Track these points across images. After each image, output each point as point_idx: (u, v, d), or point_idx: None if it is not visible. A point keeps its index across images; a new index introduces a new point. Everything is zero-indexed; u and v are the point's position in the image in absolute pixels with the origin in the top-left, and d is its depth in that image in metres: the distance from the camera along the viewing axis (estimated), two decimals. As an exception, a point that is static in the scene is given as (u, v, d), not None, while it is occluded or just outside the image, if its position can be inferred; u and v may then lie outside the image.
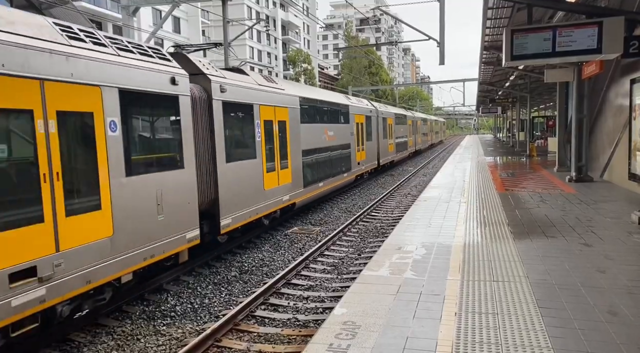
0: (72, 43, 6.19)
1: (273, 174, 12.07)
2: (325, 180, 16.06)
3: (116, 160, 6.73)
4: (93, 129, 6.37)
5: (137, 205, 7.10)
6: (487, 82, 30.45)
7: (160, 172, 7.70)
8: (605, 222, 9.03)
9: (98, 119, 6.45)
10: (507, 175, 17.59)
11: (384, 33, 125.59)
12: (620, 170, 13.18)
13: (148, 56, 7.68)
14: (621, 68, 13.28)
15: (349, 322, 4.80)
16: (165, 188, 7.75)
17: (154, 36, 16.77)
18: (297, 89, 14.87)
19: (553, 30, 8.76)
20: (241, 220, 10.32)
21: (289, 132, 13.19)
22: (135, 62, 7.23)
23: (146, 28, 36.43)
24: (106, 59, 6.62)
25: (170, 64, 8.14)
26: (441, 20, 17.01)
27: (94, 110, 6.39)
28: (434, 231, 8.74)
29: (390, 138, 28.34)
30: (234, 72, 11.10)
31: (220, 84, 9.63)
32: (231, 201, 9.90)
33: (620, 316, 4.71)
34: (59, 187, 5.76)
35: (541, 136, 38.81)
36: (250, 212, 10.75)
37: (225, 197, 9.68)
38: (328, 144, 16.62)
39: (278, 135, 12.48)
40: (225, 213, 9.67)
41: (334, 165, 17.22)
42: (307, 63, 64.31)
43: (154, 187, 7.50)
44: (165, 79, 7.83)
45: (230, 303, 7.86)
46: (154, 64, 7.68)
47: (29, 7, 10.22)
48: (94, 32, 6.90)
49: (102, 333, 6.70)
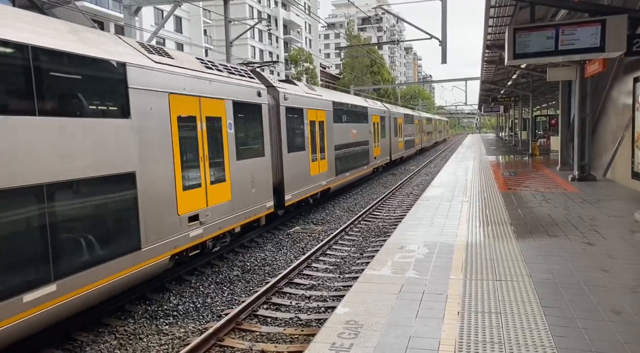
0: (209, 71, 9.33)
1: (316, 163, 15.12)
2: (350, 171, 18.85)
3: (232, 149, 9.86)
4: (221, 128, 9.47)
5: (242, 181, 10.26)
6: (490, 80, 30.39)
7: (253, 158, 10.88)
8: (608, 220, 9.00)
9: (223, 121, 9.56)
10: (509, 174, 17.55)
11: (386, 32, 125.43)
12: (623, 168, 13.13)
13: (243, 76, 10.72)
14: (624, 66, 13.23)
15: (352, 321, 4.79)
16: (255, 170, 10.92)
17: (156, 36, 16.78)
18: (330, 94, 18.09)
19: (556, 29, 8.74)
20: (297, 197, 13.47)
21: (326, 130, 16.22)
22: (238, 81, 10.28)
23: (148, 27, 36.47)
24: (224, 80, 9.71)
25: (255, 80, 11.15)
26: (443, 19, 16.98)
27: (222, 115, 9.50)
28: (436, 230, 8.73)
29: (400, 136, 30.99)
30: (287, 83, 14.24)
31: (284, 94, 12.77)
32: (291, 182, 13.00)
33: (624, 315, 4.69)
34: (207, 165, 8.94)
35: (543, 135, 38.76)
36: (301, 192, 13.83)
37: (287, 179, 12.80)
38: (352, 141, 19.40)
39: (318, 132, 15.43)
40: (288, 191, 12.82)
41: (357, 158, 20.00)
42: (309, 62, 64.27)
43: (250, 168, 10.65)
44: (254, 92, 10.90)
45: (232, 302, 7.86)
46: (248, 81, 10.73)
47: (32, 7, 10.22)
48: (215, 63, 9.95)
49: (104, 332, 6.71)
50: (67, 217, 5.88)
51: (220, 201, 9.32)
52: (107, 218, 6.52)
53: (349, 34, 76.46)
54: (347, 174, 18.36)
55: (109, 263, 6.40)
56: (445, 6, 16.82)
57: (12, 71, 5.35)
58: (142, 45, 7.91)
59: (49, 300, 5.55)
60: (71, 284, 5.80)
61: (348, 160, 18.63)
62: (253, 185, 10.74)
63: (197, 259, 9.41)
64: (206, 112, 8.94)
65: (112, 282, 6.46)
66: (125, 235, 6.83)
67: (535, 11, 10.29)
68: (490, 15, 13.37)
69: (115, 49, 7.01)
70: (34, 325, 5.45)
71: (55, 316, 5.73)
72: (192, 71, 8.68)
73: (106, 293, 6.46)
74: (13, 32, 5.33)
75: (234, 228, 9.97)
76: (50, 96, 5.82)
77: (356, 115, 20.47)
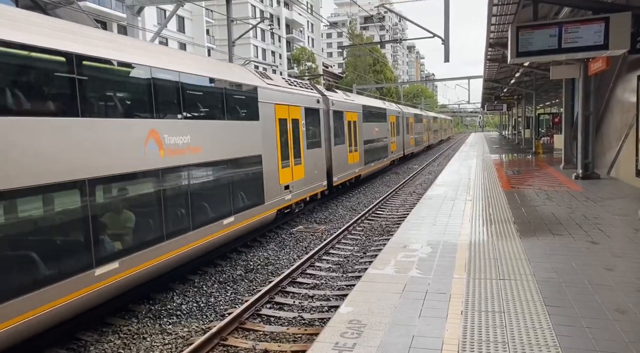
0: (291, 87, 13.43)
1: (351, 154, 19.16)
2: (374, 162, 22.95)
3: (305, 142, 13.87)
4: (299, 126, 13.44)
5: (310, 164, 14.27)
6: (493, 79, 30.30)
7: (315, 149, 14.88)
8: (612, 219, 8.96)
9: (300, 122, 13.54)
10: (512, 173, 17.51)
11: (388, 31, 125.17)
12: (627, 167, 13.08)
13: (308, 88, 15.16)
14: (628, 64, 13.17)
15: (355, 320, 4.79)
16: (316, 157, 14.91)
17: (159, 35, 16.79)
18: (360, 99, 23.16)
19: (559, 27, 8.69)
20: (340, 179, 17.49)
21: (358, 128, 20.27)
22: (306, 93, 14.56)
23: (150, 27, 36.50)
24: (299, 93, 13.85)
25: (314, 91, 15.53)
26: (446, 18, 16.92)
27: (299, 117, 13.49)
28: (440, 229, 8.71)
29: (411, 134, 35.06)
30: (330, 91, 18.59)
31: (332, 100, 16.92)
32: (336, 168, 17.06)
33: (628, 314, 4.67)
34: (292, 152, 12.92)
35: (547, 133, 38.62)
36: (343, 176, 17.79)
37: (334, 165, 16.85)
38: (375, 137, 23.55)
39: (353, 130, 19.49)
40: (335, 175, 16.81)
41: (378, 152, 24.07)
42: (312, 61, 64.26)
43: (313, 156, 14.64)
44: (315, 100, 15.02)
45: (235, 301, 7.87)
46: (311, 92, 15.05)
47: (35, 7, 10.24)
48: (292, 80, 14.52)
49: (108, 332, 6.73)
50: (232, 181, 9.79)
51: (299, 178, 13.50)
52: (248, 182, 10.58)
53: (352, 32, 76.35)
54: (372, 164, 22.41)
55: (251, 210, 10.47)
56: (447, 4, 16.76)
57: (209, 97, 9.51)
58: (258, 72, 12.55)
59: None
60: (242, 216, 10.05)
61: (372, 153, 22.66)
62: (315, 168, 14.84)
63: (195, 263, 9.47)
64: (292, 116, 13.02)
65: (252, 222, 10.53)
66: (257, 194, 10.80)
67: (538, 9, 10.24)
68: (493, 14, 13.32)
69: (251, 77, 11.24)
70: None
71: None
72: (283, 87, 12.78)
73: (251, 229, 10.77)
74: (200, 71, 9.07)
75: (305, 198, 14.18)
76: (229, 109, 9.91)
77: (378, 116, 24.60)
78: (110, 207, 6.75)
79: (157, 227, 7.46)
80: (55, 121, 5.85)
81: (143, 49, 7.81)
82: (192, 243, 8.26)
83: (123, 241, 6.83)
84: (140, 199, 7.33)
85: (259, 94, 11.03)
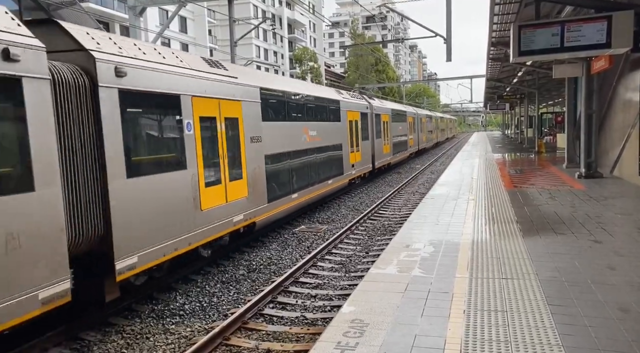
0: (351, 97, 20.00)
1: (385, 146, 24.68)
2: (398, 153, 28.79)
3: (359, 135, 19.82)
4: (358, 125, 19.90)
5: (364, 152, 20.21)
6: (495, 78, 30.25)
7: (365, 141, 20.53)
8: (615, 218, 8.94)
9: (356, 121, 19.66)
10: (515, 172, 17.48)
11: (390, 30, 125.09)
12: (630, 166, 13.04)
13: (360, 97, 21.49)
14: (631, 62, 13.13)
15: (357, 320, 4.79)
16: (366, 147, 20.72)
17: (161, 36, 16.83)
18: (388, 103, 29.76)
19: (561, 25, 8.69)
20: (379, 164, 23.43)
21: (389, 126, 25.98)
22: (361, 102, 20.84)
23: (153, 28, 36.55)
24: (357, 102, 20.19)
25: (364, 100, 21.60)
26: (448, 17, 16.92)
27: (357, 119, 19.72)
28: (442, 229, 8.71)
29: (423, 132, 40.73)
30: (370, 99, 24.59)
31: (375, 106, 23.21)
32: (377, 156, 22.78)
33: (631, 313, 4.66)
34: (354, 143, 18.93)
35: (549, 132, 38.52)
36: (380, 162, 23.72)
37: (376, 154, 22.58)
38: (400, 133, 29.78)
39: (386, 128, 25.32)
40: (376, 161, 22.66)
41: (402, 145, 30.19)
42: (314, 61, 64.24)
43: (365, 146, 20.45)
44: (365, 106, 21.02)
45: (238, 301, 7.88)
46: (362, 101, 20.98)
47: (38, 9, 10.29)
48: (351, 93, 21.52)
49: (111, 331, 6.75)
50: (332, 158, 16.09)
51: (359, 160, 19.44)
52: (337, 160, 16.79)
53: (354, 32, 76.30)
54: (397, 155, 28.47)
55: (338, 177, 16.62)
56: (449, 4, 16.75)
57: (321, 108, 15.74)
58: (336, 90, 19.27)
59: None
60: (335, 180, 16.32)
61: (398, 146, 28.65)
62: (366, 155, 20.75)
63: (190, 265, 9.48)
64: (355, 118, 19.24)
65: (338, 185, 16.60)
66: (341, 168, 17.10)
67: (540, 8, 10.25)
68: (495, 13, 13.30)
69: (335, 95, 17.68)
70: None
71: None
72: (348, 99, 19.06)
73: (337, 189, 16.74)
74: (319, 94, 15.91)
75: (361, 175, 20.09)
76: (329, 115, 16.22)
77: (401, 117, 30.37)
78: (297, 164, 13.32)
79: (310, 177, 14.31)
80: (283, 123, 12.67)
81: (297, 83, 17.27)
82: (319, 191, 15.08)
83: (301, 182, 13.58)
84: (304, 162, 13.98)
85: (340, 105, 17.58)
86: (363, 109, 20.54)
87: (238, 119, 9.86)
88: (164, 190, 7.51)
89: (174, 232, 7.66)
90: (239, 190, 9.82)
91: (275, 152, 11.77)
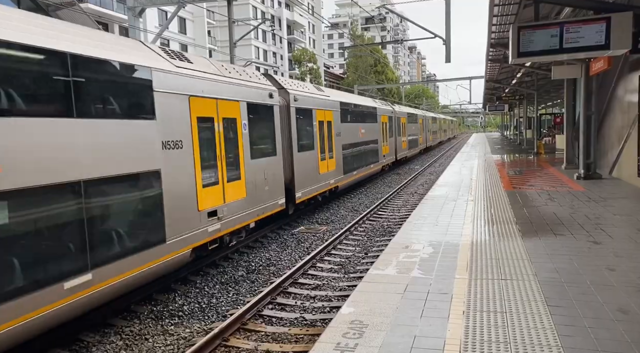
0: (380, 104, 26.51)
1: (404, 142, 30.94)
2: (412, 149, 34.87)
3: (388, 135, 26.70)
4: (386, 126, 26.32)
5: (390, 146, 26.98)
6: (494, 79, 30.29)
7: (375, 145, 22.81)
8: (614, 219, 8.95)
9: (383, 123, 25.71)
10: (514, 173, 17.49)
11: (390, 31, 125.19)
12: (629, 167, 13.06)
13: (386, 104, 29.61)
14: (630, 64, 13.15)
15: (356, 321, 4.79)
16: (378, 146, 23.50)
17: (160, 37, 16.82)
18: (404, 108, 36.09)
19: (560, 27, 8.69)
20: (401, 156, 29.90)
21: (406, 127, 32.01)
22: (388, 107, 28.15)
23: (152, 29, 36.57)
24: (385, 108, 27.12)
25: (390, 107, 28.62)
26: (447, 18, 16.93)
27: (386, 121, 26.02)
28: (441, 229, 8.71)
29: (429, 132, 46.77)
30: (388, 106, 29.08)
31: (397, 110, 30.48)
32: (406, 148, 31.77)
33: (630, 314, 4.66)
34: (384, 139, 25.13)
35: (548, 133, 38.56)
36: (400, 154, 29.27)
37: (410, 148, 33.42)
38: (413, 132, 35.67)
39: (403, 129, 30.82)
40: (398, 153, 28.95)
41: (414, 142, 36.10)
42: (313, 62, 64.21)
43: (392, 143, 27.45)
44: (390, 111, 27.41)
45: (237, 302, 7.88)
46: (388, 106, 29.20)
47: (37, 9, 10.27)
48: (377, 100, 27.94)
49: (110, 333, 6.74)
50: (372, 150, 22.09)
51: (387, 152, 25.37)
52: (375, 151, 22.64)
53: (353, 33, 76.33)
54: (411, 150, 34.32)
55: (376, 163, 22.72)
56: (449, 5, 16.77)
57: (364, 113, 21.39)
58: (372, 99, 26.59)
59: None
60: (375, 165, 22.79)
61: (411, 143, 34.25)
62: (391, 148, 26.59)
63: (195, 264, 9.49)
64: (384, 120, 24.95)
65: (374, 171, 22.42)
66: (377, 156, 22.92)
67: (539, 9, 10.25)
68: (494, 14, 13.32)
69: (373, 102, 24.21)
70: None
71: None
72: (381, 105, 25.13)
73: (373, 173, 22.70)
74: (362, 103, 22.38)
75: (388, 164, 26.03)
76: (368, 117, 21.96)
77: (412, 119, 35.66)
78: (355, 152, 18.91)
79: (361, 161, 19.87)
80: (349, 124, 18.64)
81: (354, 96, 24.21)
82: (365, 171, 20.50)
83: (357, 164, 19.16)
84: (359, 150, 19.50)
85: (377, 111, 23.48)
86: (389, 113, 26.67)
87: (331, 121, 16.41)
88: (307, 160, 14.10)
89: (311, 183, 14.36)
90: (333, 165, 16.37)
91: (346, 143, 17.94)
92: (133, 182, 6.78)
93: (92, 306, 6.18)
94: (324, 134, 15.42)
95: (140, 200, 6.96)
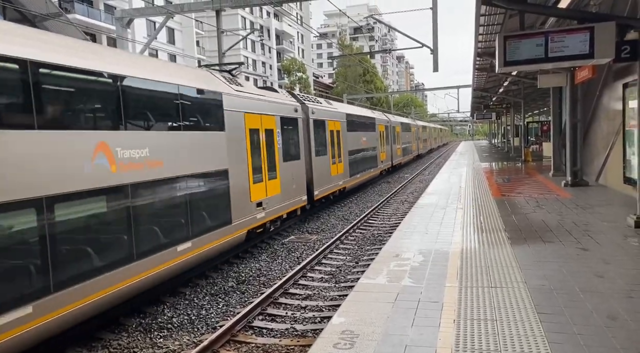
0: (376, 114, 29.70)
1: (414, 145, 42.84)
2: (406, 156, 37.61)
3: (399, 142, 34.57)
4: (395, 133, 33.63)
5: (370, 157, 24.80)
6: (481, 88, 30.59)
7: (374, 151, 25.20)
8: (601, 226, 9.04)
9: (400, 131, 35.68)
10: (502, 181, 17.63)
11: (378, 41, 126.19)
12: (615, 174, 13.22)
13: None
14: (614, 72, 13.37)
15: (347, 331, 4.76)
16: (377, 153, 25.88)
17: (148, 47, 16.78)
18: (399, 118, 39.94)
19: (545, 36, 8.81)
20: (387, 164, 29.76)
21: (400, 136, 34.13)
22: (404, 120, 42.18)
23: (140, 39, 36.47)
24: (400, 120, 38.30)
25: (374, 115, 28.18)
26: (434, 28, 17.13)
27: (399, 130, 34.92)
28: (431, 238, 8.73)
29: (421, 140, 50.10)
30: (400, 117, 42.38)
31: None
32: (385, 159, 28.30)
33: (619, 320, 4.70)
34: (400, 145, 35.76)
35: (536, 141, 38.98)
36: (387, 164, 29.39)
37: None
38: (407, 140, 38.72)
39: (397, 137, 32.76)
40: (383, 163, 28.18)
41: (407, 150, 38.57)
42: (302, 72, 64.47)
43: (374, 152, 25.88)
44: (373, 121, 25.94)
45: (227, 314, 7.80)
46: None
47: (23, 20, 10.20)
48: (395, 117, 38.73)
49: (98, 346, 6.63)
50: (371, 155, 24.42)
51: (384, 159, 27.71)
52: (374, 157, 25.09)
53: (341, 43, 76.90)
54: (405, 157, 37.00)
55: (375, 168, 24.98)
56: (435, 15, 16.98)
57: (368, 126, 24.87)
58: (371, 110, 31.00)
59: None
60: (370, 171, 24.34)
61: (405, 150, 37.14)
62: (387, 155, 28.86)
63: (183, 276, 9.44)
64: (382, 129, 27.44)
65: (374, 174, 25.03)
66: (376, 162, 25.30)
67: (524, 19, 10.38)
68: (480, 24, 13.48)
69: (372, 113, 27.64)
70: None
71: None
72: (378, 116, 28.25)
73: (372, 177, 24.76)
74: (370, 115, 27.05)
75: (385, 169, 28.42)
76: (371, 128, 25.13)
77: (406, 128, 38.60)
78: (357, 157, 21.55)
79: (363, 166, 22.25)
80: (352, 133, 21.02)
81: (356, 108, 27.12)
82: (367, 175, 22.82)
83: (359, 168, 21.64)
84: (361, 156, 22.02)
85: (375, 121, 25.84)
86: (385, 122, 29.13)
87: (340, 131, 18.62)
88: (322, 164, 16.22)
89: (325, 183, 16.55)
90: (341, 168, 18.55)
91: (351, 149, 20.15)
92: (213, 177, 9.18)
93: (192, 265, 8.58)
94: (334, 142, 17.86)
95: (217, 190, 9.37)
